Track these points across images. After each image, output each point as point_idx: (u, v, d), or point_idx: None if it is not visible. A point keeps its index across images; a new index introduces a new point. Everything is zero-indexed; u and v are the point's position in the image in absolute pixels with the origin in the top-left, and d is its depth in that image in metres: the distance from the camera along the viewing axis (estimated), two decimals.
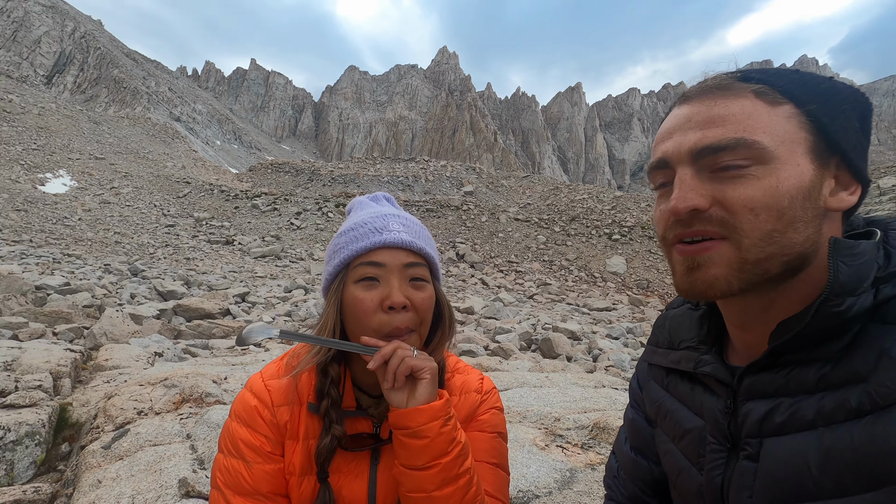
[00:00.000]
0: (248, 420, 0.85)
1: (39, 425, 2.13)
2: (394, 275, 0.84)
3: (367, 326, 0.82)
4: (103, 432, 2.06)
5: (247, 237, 30.08)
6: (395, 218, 0.91)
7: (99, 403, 2.46)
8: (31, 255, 16.42)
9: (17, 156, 36.40)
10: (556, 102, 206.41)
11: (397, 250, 0.85)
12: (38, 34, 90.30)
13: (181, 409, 2.21)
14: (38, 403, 2.31)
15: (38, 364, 3.06)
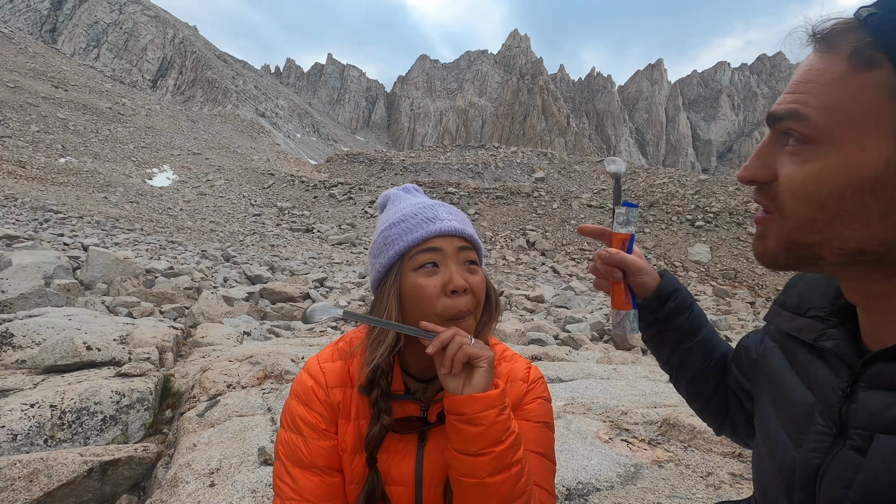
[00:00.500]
0: (305, 399, 0.91)
1: (148, 393, 2.43)
2: (451, 260, 0.87)
3: (430, 312, 0.84)
4: (198, 402, 2.31)
5: (325, 225, 31.70)
6: (441, 207, 0.94)
7: (195, 376, 2.75)
8: (142, 242, 18.38)
9: (130, 153, 40.80)
10: (635, 81, 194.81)
11: (451, 237, 0.88)
12: (144, 42, 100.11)
13: (264, 385, 2.42)
14: (146, 373, 2.63)
15: (147, 339, 3.46)
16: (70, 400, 2.22)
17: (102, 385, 2.36)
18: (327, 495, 0.88)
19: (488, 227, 32.30)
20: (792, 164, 0.57)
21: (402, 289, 0.88)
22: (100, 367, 2.78)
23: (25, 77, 47.25)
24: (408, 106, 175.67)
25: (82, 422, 2.21)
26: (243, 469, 1.59)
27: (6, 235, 13.00)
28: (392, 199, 1.04)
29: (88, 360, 2.79)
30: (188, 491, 1.55)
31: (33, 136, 35.90)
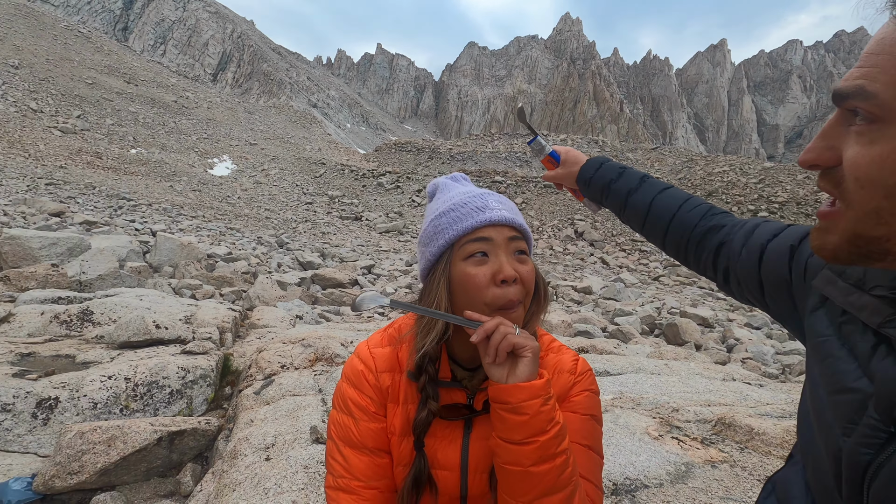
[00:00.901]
0: (355, 382, 0.94)
1: (210, 370, 2.60)
2: (501, 250, 0.87)
3: (479, 301, 0.85)
4: (255, 380, 2.45)
5: (373, 213, 32.33)
6: (491, 196, 0.93)
7: (252, 356, 2.90)
8: (204, 229, 19.46)
9: (193, 144, 43.12)
10: (694, 64, 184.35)
11: (501, 227, 0.88)
12: (206, 38, 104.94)
13: (315, 367, 2.53)
14: (208, 352, 2.80)
15: (209, 320, 3.68)
16: (142, 374, 2.41)
17: (170, 361, 2.54)
18: (376, 475, 0.91)
19: (536, 217, 31.83)
20: (857, 146, 0.51)
21: (452, 278, 0.88)
22: (167, 345, 2.99)
23: (101, 74, 50.76)
24: (455, 94, 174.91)
25: (152, 394, 2.39)
26: (296, 446, 1.68)
27: (86, 221, 14.14)
28: (441, 188, 1.04)
29: (157, 338, 3.01)
30: (246, 463, 1.65)
31: (108, 128, 38.63)
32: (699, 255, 0.99)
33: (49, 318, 3.44)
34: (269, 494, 1.47)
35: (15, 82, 38.90)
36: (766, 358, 7.41)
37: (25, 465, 1.98)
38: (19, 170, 23.43)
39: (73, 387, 2.30)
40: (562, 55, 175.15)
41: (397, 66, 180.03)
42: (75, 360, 2.74)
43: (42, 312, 3.55)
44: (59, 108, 38.56)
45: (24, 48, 46.59)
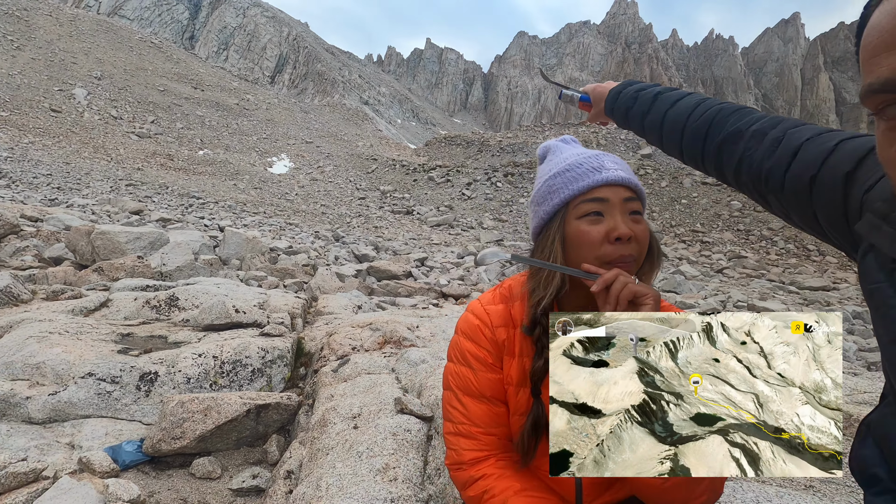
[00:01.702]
0: (472, 336, 0.99)
1: (286, 351, 2.77)
2: (616, 209, 0.89)
3: (592, 257, 0.89)
4: (329, 361, 2.59)
5: (424, 207, 32.71)
6: (606, 157, 0.96)
7: (323, 339, 3.06)
8: (265, 224, 20.48)
9: (254, 144, 45.30)
10: (763, 42, 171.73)
11: (617, 187, 0.90)
12: (264, 42, 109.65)
13: (384, 349, 2.64)
14: (283, 335, 2.99)
15: (280, 306, 3.90)
16: (227, 353, 2.62)
17: (251, 342, 2.74)
18: (493, 422, 0.96)
19: None
20: None
21: (566, 234, 0.92)
22: (245, 328, 3.21)
23: (171, 81, 54.27)
24: (505, 85, 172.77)
25: (237, 371, 2.59)
26: (382, 416, 1.78)
27: (162, 218, 15.27)
28: (552, 151, 1.08)
29: (237, 321, 3.24)
30: (336, 430, 1.78)
31: (178, 132, 41.33)
32: (725, 175, 0.93)
33: (141, 304, 3.78)
34: (363, 458, 1.58)
35: (98, 92, 42.38)
36: (849, 355, 6.90)
37: (133, 431, 2.22)
38: (103, 172, 25.58)
39: (170, 363, 2.53)
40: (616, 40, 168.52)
41: (446, 60, 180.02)
42: (167, 340, 3.00)
43: (135, 298, 3.90)
44: (135, 114, 41.66)
45: (105, 60, 50.61)
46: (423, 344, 2.71)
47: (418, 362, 2.29)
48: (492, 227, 29.06)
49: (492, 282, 13.53)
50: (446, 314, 3.66)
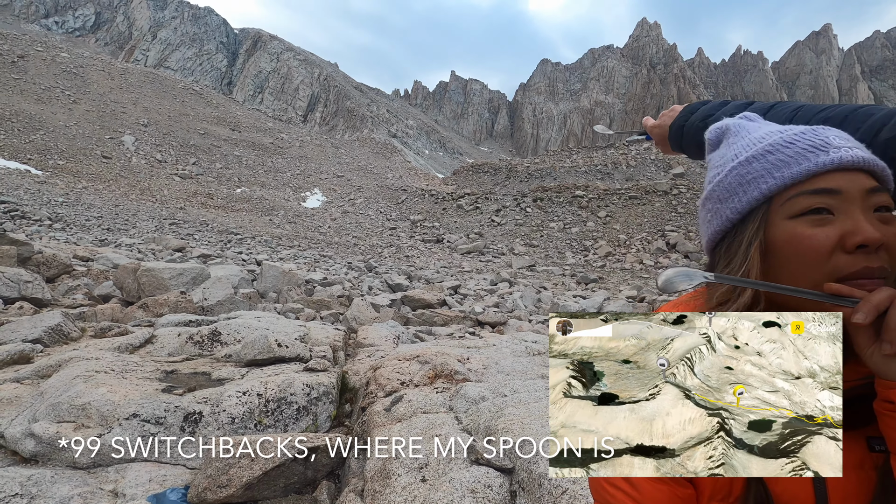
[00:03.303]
0: None
1: (331, 387, 2.65)
2: (855, 205, 0.62)
3: (813, 274, 0.63)
4: (377, 397, 2.44)
5: (454, 235, 32.76)
6: (831, 131, 0.68)
7: (367, 373, 2.92)
8: (300, 257, 20.87)
9: (288, 180, 46.83)
10: (793, 55, 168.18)
11: (855, 172, 0.63)
12: (296, 83, 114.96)
13: (435, 384, 2.48)
14: (327, 369, 2.87)
15: (321, 339, 3.81)
16: (272, 390, 2.51)
17: (295, 378, 2.63)
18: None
19: (622, 230, 30.35)
20: None
21: (770, 242, 0.66)
22: (288, 363, 3.12)
23: (211, 124, 57.24)
24: (530, 112, 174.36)
25: (282, 410, 2.47)
26: (454, 467, 1.60)
27: (203, 254, 15.74)
28: (733, 132, 0.79)
29: (279, 356, 3.15)
30: (402, 484, 1.59)
31: (217, 172, 43.23)
32: None
33: (185, 339, 3.76)
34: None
35: (145, 138, 45.01)
36: None
37: (177, 477, 2.11)
38: (149, 213, 26.83)
39: (214, 402, 2.44)
40: (640, 62, 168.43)
41: (471, 91, 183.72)
42: (211, 377, 2.93)
43: (178, 334, 3.89)
44: (178, 157, 43.92)
45: (151, 108, 53.95)
46: (477, 378, 2.52)
47: (478, 400, 2.10)
48: (523, 253, 28.72)
49: (528, 308, 13.23)
50: (493, 344, 3.47)
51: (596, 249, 28.53)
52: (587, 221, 32.21)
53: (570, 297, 15.30)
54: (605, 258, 27.30)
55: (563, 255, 28.22)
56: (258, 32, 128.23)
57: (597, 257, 27.56)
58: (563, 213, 33.76)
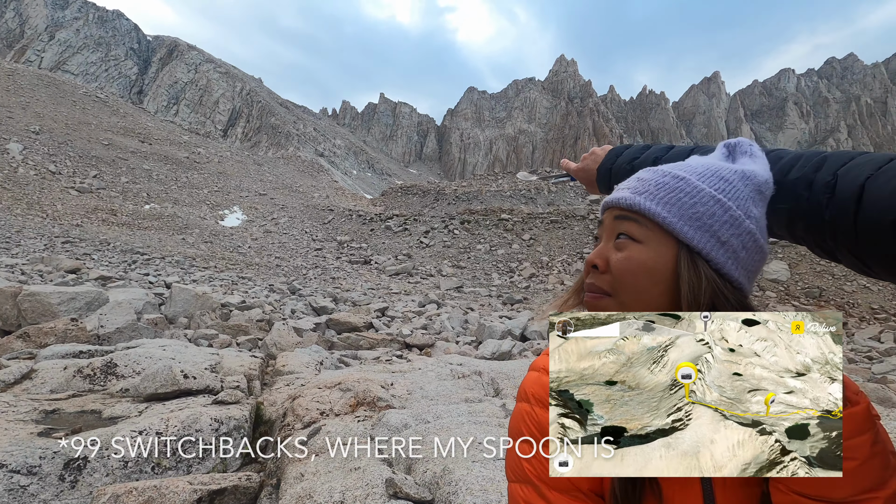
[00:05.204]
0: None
1: (243, 420, 2.45)
2: (607, 234, 0.76)
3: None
4: (294, 430, 2.29)
5: (382, 256, 32.40)
6: (647, 172, 0.78)
7: (285, 403, 2.75)
8: (217, 279, 19.54)
9: (205, 197, 44.05)
10: (690, 97, 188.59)
11: (612, 209, 0.77)
12: (216, 96, 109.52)
13: (357, 412, 2.38)
14: (240, 401, 2.66)
15: (235, 368, 3.55)
16: (174, 427, 2.27)
17: (202, 413, 2.41)
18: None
19: (544, 252, 31.72)
20: None
21: None
22: (196, 395, 2.86)
23: (117, 135, 52.72)
24: (458, 137, 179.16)
25: (185, 449, 2.25)
26: (370, 503, 1.50)
27: (101, 276, 14.23)
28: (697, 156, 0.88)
29: (185, 388, 2.88)
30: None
31: (123, 186, 39.69)
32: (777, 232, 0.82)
33: (72, 373, 3.33)
34: None
35: (35, 147, 40.37)
36: None
37: None
38: (37, 230, 23.91)
39: (103, 444, 2.16)
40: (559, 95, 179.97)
41: (400, 114, 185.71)
42: (102, 416, 2.61)
43: (65, 367, 3.44)
44: (76, 169, 39.82)
45: (44, 115, 48.68)
46: (401, 404, 2.45)
47: (400, 427, 2.03)
48: (451, 274, 29.02)
49: (455, 330, 13.28)
50: (419, 368, 3.42)
51: (521, 271, 29.51)
52: (512, 244, 33.30)
53: (497, 318, 15.61)
54: (529, 279, 28.29)
55: (490, 277, 28.85)
56: (174, 41, 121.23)
57: (521, 278, 28.49)
58: (489, 235, 34.64)
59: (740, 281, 0.71)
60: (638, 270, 0.70)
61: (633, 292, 0.71)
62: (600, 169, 1.12)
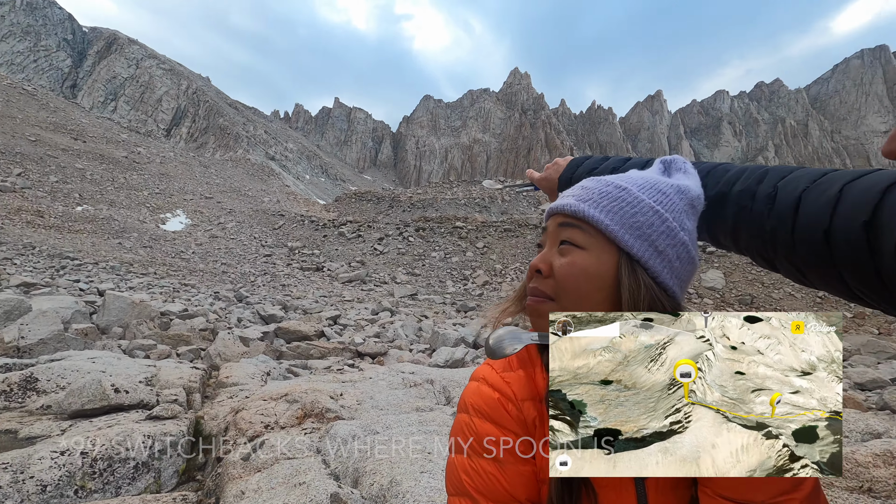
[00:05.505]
0: (492, 415, 0.74)
1: (180, 436, 2.31)
2: (551, 240, 0.77)
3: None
4: (236, 444, 2.18)
5: (335, 263, 31.78)
6: (591, 181, 0.80)
7: (227, 417, 2.62)
8: (156, 286, 18.47)
9: (144, 199, 41.68)
10: (635, 112, 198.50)
11: (556, 216, 0.78)
12: (159, 94, 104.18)
13: (304, 424, 2.29)
14: (177, 416, 2.51)
15: (173, 380, 3.35)
16: (101, 446, 2.10)
17: (134, 429, 2.25)
18: None
19: (498, 261, 32.19)
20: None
21: None
22: (128, 411, 2.67)
23: (46, 131, 49.05)
24: (413, 144, 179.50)
25: (114, 470, 2.08)
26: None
27: (24, 283, 13.12)
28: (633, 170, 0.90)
29: (117, 404, 2.68)
30: None
31: (52, 185, 36.88)
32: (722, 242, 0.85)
33: None
34: None
35: None
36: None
37: None
38: None
39: (17, 467, 1.97)
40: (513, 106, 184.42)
41: (355, 119, 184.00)
42: (18, 436, 2.38)
43: None
44: None
45: None
46: (350, 415, 2.38)
47: (348, 439, 1.97)
48: (405, 282, 28.87)
49: (409, 337, 13.19)
50: (370, 377, 3.35)
51: (475, 278, 29.78)
52: (466, 251, 33.58)
53: (451, 326, 15.64)
54: (482, 287, 28.58)
55: (444, 284, 28.93)
56: (114, 34, 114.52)
57: (475, 286, 28.74)
58: (444, 243, 34.76)
59: (674, 289, 0.73)
60: (581, 275, 0.72)
61: (575, 297, 0.72)
62: (561, 178, 1.16)
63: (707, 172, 0.88)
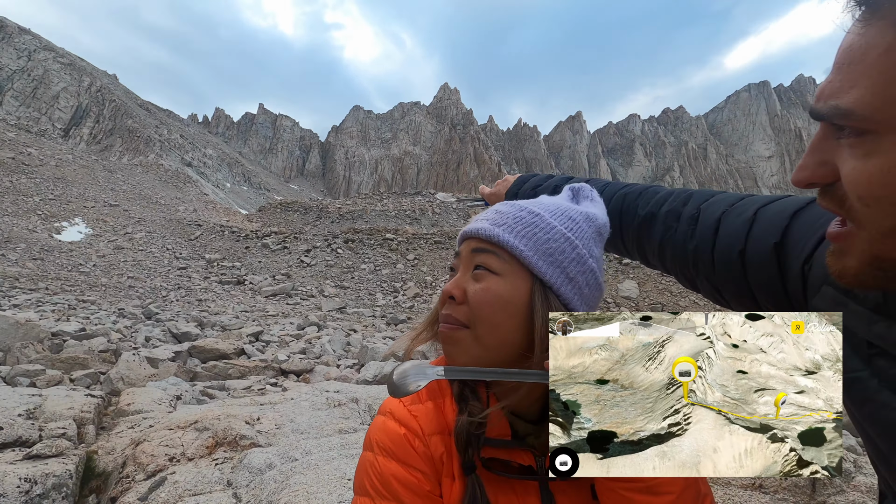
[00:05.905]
0: (397, 453, 0.69)
1: (66, 476, 2.04)
2: (465, 265, 0.75)
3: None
4: (134, 482, 1.96)
5: (258, 276, 30.24)
6: (505, 206, 0.79)
7: (126, 450, 2.36)
8: (47, 303, 16.56)
9: (35, 206, 37.32)
10: (558, 131, 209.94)
11: (469, 239, 0.76)
12: (56, 90, 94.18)
13: (215, 454, 2.11)
14: (64, 452, 2.22)
15: (61, 411, 2.98)
16: None
17: (7, 472, 1.95)
18: None
19: (429, 272, 32.32)
20: (853, 160, 0.44)
21: None
22: (2, 451, 2.32)
23: None
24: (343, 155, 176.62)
25: None
26: None
27: None
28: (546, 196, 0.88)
29: None
30: None
31: None
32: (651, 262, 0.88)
33: None
34: None
35: None
36: None
37: None
38: None
39: None
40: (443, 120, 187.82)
41: (281, 127, 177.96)
42: None
43: None
44: None
45: None
46: (268, 441, 2.23)
47: (263, 469, 1.83)
48: (334, 295, 28.10)
49: (336, 353, 12.80)
50: (292, 397, 3.18)
51: (405, 291, 29.62)
52: (397, 263, 33.37)
53: (380, 339, 15.39)
54: (413, 299, 28.50)
55: (374, 297, 28.49)
56: (1, 21, 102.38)
57: (406, 298, 28.59)
58: (374, 255, 34.29)
59: None
60: (496, 302, 0.69)
61: (489, 325, 0.69)
62: (507, 194, 1.18)
63: (639, 194, 0.92)
